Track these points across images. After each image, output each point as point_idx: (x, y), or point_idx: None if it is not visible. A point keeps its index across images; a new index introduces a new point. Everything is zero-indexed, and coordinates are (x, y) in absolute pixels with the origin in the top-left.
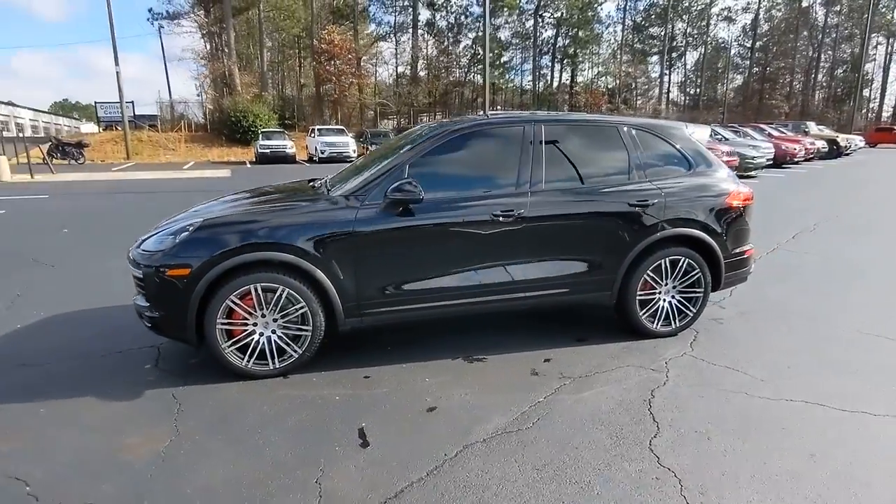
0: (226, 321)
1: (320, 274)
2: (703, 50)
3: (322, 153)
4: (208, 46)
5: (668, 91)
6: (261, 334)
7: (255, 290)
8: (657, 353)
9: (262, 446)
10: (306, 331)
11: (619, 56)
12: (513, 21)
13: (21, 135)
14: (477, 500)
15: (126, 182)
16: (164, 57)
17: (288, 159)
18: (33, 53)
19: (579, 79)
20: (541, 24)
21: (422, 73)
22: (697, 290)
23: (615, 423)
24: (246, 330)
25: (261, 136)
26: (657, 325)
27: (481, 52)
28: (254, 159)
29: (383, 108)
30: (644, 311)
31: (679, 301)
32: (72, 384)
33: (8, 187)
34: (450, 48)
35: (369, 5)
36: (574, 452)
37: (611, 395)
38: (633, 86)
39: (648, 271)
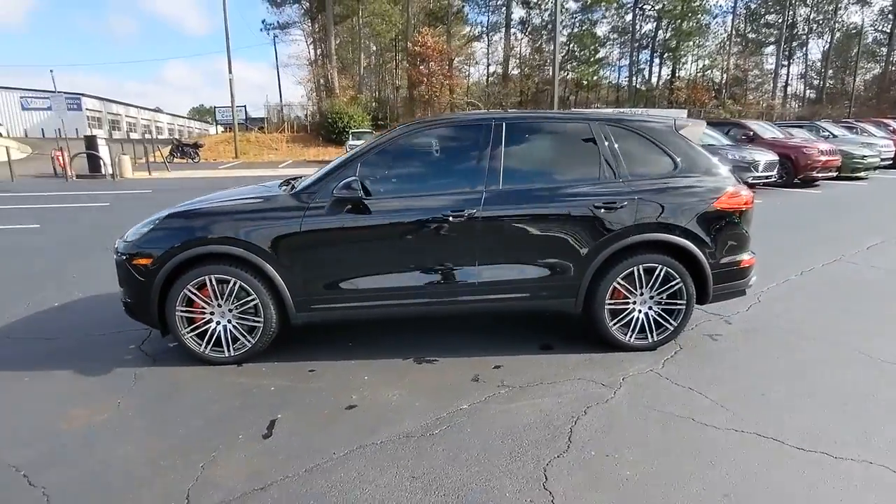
0: (185, 309)
1: (269, 268)
2: (829, 37)
3: None
4: (313, 53)
5: (787, 84)
6: (217, 323)
7: (210, 281)
8: (621, 367)
9: (178, 429)
10: (258, 322)
11: (728, 47)
12: (611, 15)
13: (148, 136)
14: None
15: (226, 178)
16: (276, 64)
17: None
18: (179, 64)
19: (682, 73)
20: (640, 16)
21: (514, 72)
22: (678, 301)
23: (525, 438)
24: (204, 318)
25: (351, 136)
26: (630, 337)
27: (577, 48)
28: None
29: (473, 108)
30: (615, 321)
31: (657, 313)
32: (65, 357)
33: (125, 183)
34: (543, 45)
35: (463, 6)
36: (461, 464)
37: (542, 408)
38: (745, 79)
39: (619, 279)
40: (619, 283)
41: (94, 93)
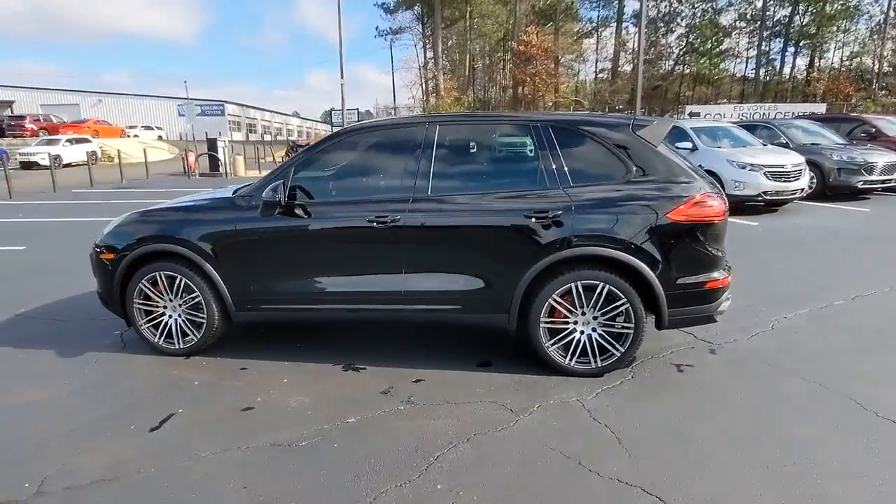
0: (142, 301)
1: (209, 267)
2: None
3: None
4: (422, 56)
5: None
6: (170, 317)
7: (161, 277)
8: (547, 393)
9: (90, 413)
10: (203, 319)
11: (884, 30)
12: (738, 2)
13: (267, 138)
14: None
15: None
16: (392, 67)
17: None
18: (319, 70)
19: (821, 63)
20: (774, 1)
21: (625, 68)
22: (626, 325)
23: (385, 461)
24: (158, 311)
25: None
26: (570, 360)
27: (695, 40)
28: None
29: (578, 107)
30: (553, 341)
31: (601, 336)
32: (60, 338)
33: (234, 180)
34: (661, 38)
35: (573, 2)
36: (300, 481)
37: (428, 430)
38: None
39: (555, 296)
40: (555, 301)
41: (246, 100)
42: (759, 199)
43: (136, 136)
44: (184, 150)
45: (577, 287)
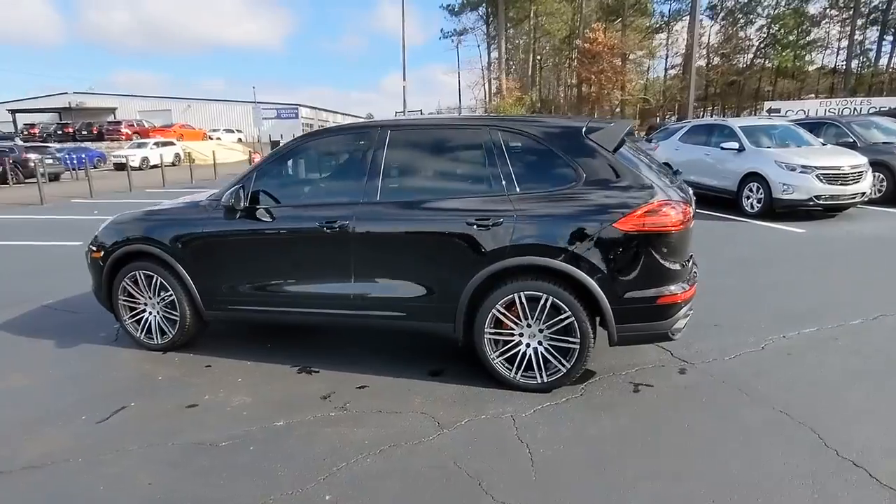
0: (126, 298)
1: (180, 267)
2: None
3: None
4: (485, 56)
5: None
6: (150, 314)
7: (139, 275)
8: (484, 407)
9: (57, 402)
10: (176, 316)
11: None
12: None
13: None
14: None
15: None
16: (458, 68)
17: None
18: (395, 73)
19: None
20: None
21: (699, 63)
22: (572, 339)
23: (283, 470)
24: (138, 308)
25: None
26: (516, 374)
27: (778, 31)
28: None
29: (645, 104)
30: (498, 353)
31: (547, 350)
32: (65, 329)
33: None
34: (739, 30)
35: None
36: (197, 483)
37: (345, 439)
38: None
39: (499, 307)
40: (499, 312)
41: (324, 102)
42: (811, 203)
43: (218, 138)
44: (250, 152)
45: (520, 298)
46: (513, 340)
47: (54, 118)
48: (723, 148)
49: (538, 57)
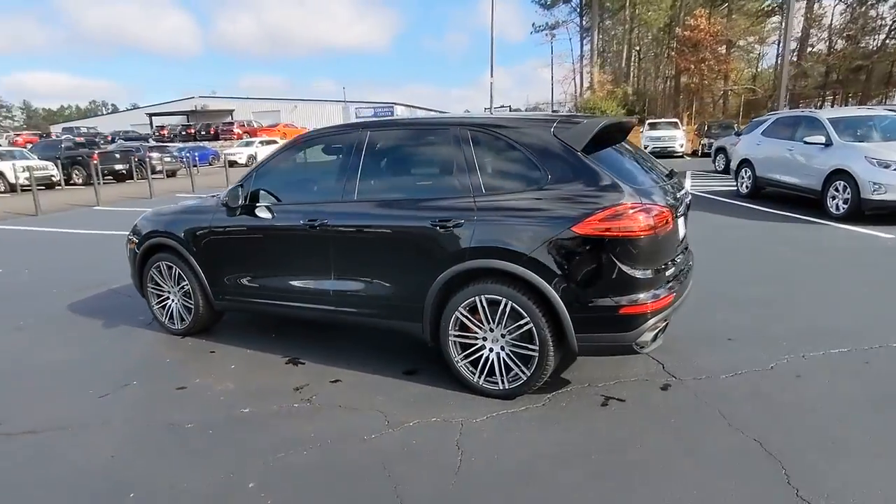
0: (153, 286)
1: (193, 259)
2: None
3: (646, 147)
4: (578, 49)
5: None
6: (172, 301)
7: (163, 265)
8: (439, 410)
9: (72, 376)
10: (191, 304)
11: None
12: None
13: None
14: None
15: None
16: (551, 63)
17: None
18: (496, 69)
19: None
20: None
21: (818, 48)
22: (531, 347)
23: (216, 462)
24: (163, 295)
25: None
26: (479, 378)
27: None
28: None
29: (751, 94)
30: (462, 356)
31: (508, 356)
32: (114, 311)
33: None
34: (869, 8)
35: None
36: (136, 459)
37: (288, 435)
38: None
39: (462, 309)
40: (461, 314)
41: (424, 100)
42: None
43: None
44: None
45: (481, 301)
46: (476, 344)
47: (182, 120)
48: (807, 142)
49: (637, 48)
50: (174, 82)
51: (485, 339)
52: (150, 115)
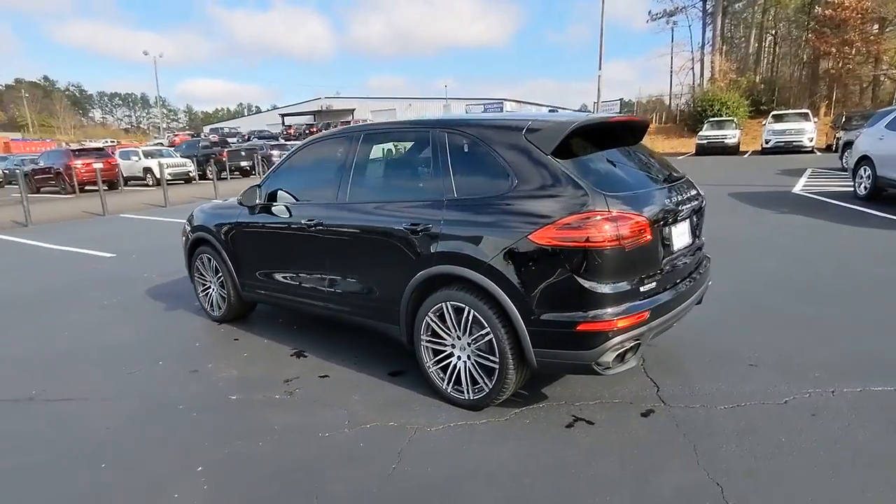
0: (198, 275)
1: (224, 253)
2: None
3: (767, 143)
4: (698, 37)
5: None
6: (212, 290)
7: (204, 257)
8: (401, 414)
9: (118, 354)
10: (225, 294)
11: None
12: None
13: None
14: None
15: None
16: (671, 52)
17: (728, 150)
18: (618, 60)
19: None
20: None
21: None
22: (492, 358)
23: (185, 432)
24: (206, 285)
25: (706, 125)
26: (448, 385)
27: None
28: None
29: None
30: (433, 362)
31: (473, 365)
32: (180, 297)
33: None
34: None
35: None
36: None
37: (258, 420)
38: None
39: (431, 314)
40: (431, 320)
41: (542, 94)
42: None
43: None
44: None
45: (447, 308)
46: (446, 351)
47: (309, 120)
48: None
49: (772, 31)
50: (310, 84)
51: (453, 346)
52: (283, 115)
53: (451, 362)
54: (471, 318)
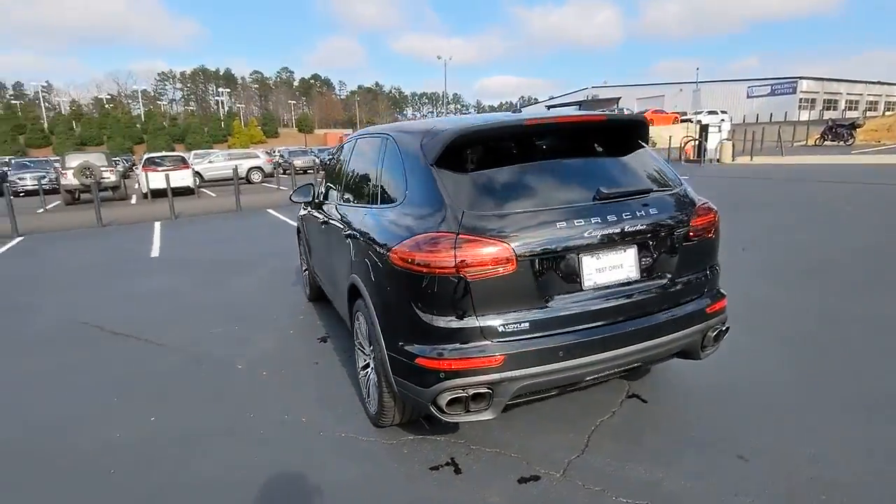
0: (302, 258)
1: (304, 240)
2: None
3: None
4: None
5: None
6: (306, 271)
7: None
8: (344, 419)
9: (223, 332)
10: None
11: None
12: None
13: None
14: None
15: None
16: None
17: None
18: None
19: None
20: None
21: None
22: (381, 377)
23: (193, 393)
24: (304, 266)
25: None
26: (368, 395)
27: None
28: None
29: None
30: (361, 367)
31: (375, 382)
32: (291, 273)
33: (710, 168)
34: None
35: None
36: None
37: (250, 399)
38: None
39: (356, 320)
40: (358, 325)
41: (882, 70)
42: None
43: (698, 122)
44: (682, 140)
45: (357, 317)
46: (366, 360)
47: (573, 110)
48: None
49: None
50: (594, 73)
51: (368, 357)
52: (549, 107)
53: (366, 372)
54: (366, 331)
